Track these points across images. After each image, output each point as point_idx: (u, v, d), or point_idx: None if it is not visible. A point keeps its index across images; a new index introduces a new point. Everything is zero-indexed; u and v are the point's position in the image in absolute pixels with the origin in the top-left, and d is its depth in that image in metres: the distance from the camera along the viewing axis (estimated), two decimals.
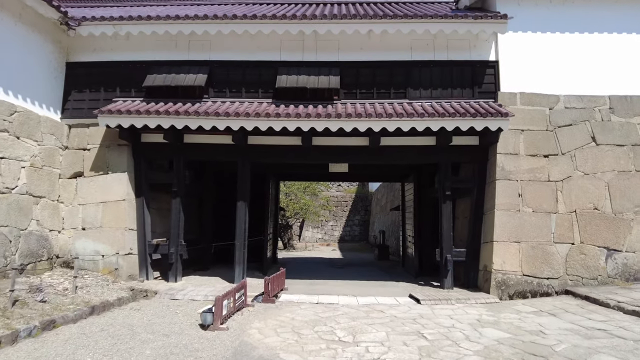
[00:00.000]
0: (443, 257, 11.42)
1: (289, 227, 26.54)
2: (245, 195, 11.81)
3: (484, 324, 7.85)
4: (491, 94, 11.75)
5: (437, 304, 9.63)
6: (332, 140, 11.72)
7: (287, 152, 11.88)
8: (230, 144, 11.69)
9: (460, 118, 10.61)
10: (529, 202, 10.94)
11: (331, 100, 11.64)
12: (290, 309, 8.92)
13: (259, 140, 11.86)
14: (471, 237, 11.61)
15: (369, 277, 13.39)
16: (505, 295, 10.33)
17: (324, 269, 15.40)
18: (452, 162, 11.83)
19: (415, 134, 11.22)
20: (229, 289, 8.19)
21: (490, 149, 11.52)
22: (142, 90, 12.08)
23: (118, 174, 11.72)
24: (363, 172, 15.88)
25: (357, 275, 13.83)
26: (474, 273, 11.48)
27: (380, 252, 18.75)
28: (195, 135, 11.89)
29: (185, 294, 10.21)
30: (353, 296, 10.39)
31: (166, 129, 11.09)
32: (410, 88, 11.82)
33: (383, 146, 11.57)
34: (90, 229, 11.53)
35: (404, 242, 15.79)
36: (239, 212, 11.77)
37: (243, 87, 11.99)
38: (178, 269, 11.81)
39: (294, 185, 25.92)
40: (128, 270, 11.36)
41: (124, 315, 8.02)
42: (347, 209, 35.30)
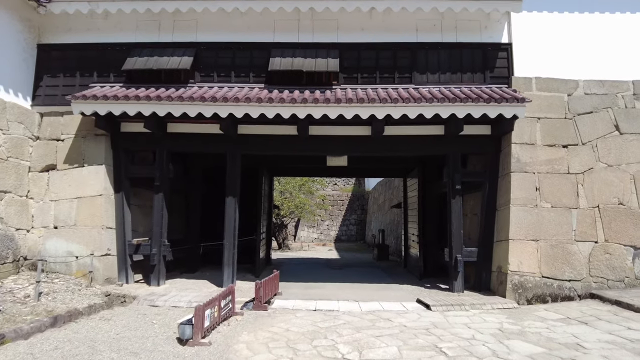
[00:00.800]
0: (453, 257, 10.28)
1: (284, 226, 25.32)
2: (235, 191, 10.60)
3: (509, 334, 6.70)
4: (504, 79, 10.63)
5: (449, 310, 8.48)
6: (331, 130, 10.54)
7: (281, 143, 10.69)
8: (219, 134, 10.50)
9: (473, 104, 9.49)
10: (547, 197, 9.82)
11: (330, 85, 10.47)
12: (284, 318, 7.73)
13: (250, 130, 10.66)
14: (483, 236, 10.46)
15: (369, 279, 12.23)
16: (522, 299, 9.20)
17: (321, 271, 14.22)
18: (461, 153, 10.66)
19: (422, 122, 10.10)
20: (214, 296, 6.99)
21: (504, 139, 10.41)
22: (121, 75, 10.86)
23: (95, 167, 10.48)
24: (363, 167, 14.71)
25: (357, 277, 12.66)
26: (487, 275, 10.34)
27: (380, 252, 17.59)
28: (180, 124, 10.70)
29: (167, 299, 8.99)
30: (355, 301, 9.22)
31: (147, 117, 9.87)
32: (416, 72, 10.67)
33: (387, 136, 10.42)
34: (63, 228, 10.27)
35: (406, 242, 14.63)
36: (228, 209, 10.57)
37: (232, 71, 10.79)
38: (161, 271, 10.58)
39: (289, 183, 24.71)
40: (105, 273, 10.11)
41: (90, 327, 6.79)
42: (344, 208, 34.14)
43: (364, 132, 10.51)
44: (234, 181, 10.61)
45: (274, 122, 10.34)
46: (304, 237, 32.04)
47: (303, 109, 9.52)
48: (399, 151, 10.80)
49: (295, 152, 10.91)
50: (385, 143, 10.57)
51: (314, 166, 14.21)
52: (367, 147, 10.68)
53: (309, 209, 26.41)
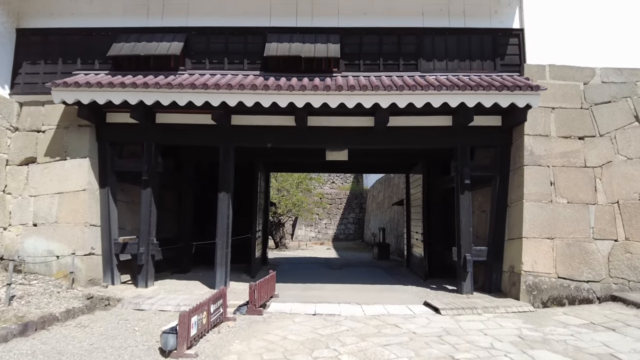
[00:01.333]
0: (461, 256, 9.54)
1: (281, 225, 24.53)
2: (228, 186, 9.83)
3: (531, 343, 5.97)
4: (515, 66, 9.91)
5: (460, 314, 7.74)
6: (331, 121, 9.80)
7: (278, 134, 9.93)
8: (211, 125, 9.74)
9: (484, 92, 8.75)
10: (563, 192, 9.10)
11: (330, 73, 9.72)
12: (281, 324, 6.97)
13: (244, 121, 9.90)
14: (493, 234, 9.73)
15: (371, 280, 11.48)
16: (537, 302, 8.48)
17: (319, 271, 13.47)
18: (470, 146, 9.92)
19: (429, 112, 9.41)
20: (202, 300, 6.22)
21: (515, 131, 9.68)
22: (107, 62, 10.07)
23: (78, 160, 9.69)
24: (364, 162, 13.95)
25: (357, 278, 11.91)
26: (497, 275, 9.61)
27: (381, 251, 16.85)
28: (169, 114, 9.93)
29: (154, 302, 8.22)
30: (357, 304, 8.47)
31: (133, 106, 9.09)
32: (422, 59, 9.92)
33: (391, 127, 9.68)
34: (43, 225, 9.48)
35: (409, 240, 13.90)
36: (220, 205, 9.79)
37: (226, 58, 10.02)
38: (149, 272, 9.79)
39: (286, 180, 23.95)
40: (88, 273, 9.32)
41: (62, 336, 6.01)
42: (342, 207, 33.39)
43: (366, 123, 9.77)
44: (227, 176, 9.83)
45: (270, 112, 9.62)
46: (301, 236, 31.28)
47: (301, 96, 8.75)
48: (404, 143, 10.04)
49: (293, 144, 10.15)
50: (389, 135, 9.83)
51: (312, 161, 13.44)
52: (369, 139, 9.92)
53: (307, 207, 25.65)
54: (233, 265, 13.17)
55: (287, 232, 30.25)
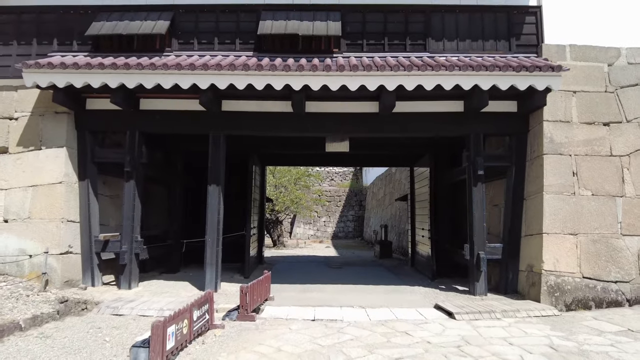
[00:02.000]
0: (474, 254, 8.64)
1: (279, 222, 23.60)
2: (218, 178, 8.90)
3: (567, 355, 5.07)
4: (532, 47, 9.01)
5: (477, 319, 6.83)
6: (332, 107, 8.90)
7: (273, 122, 9.01)
8: (200, 111, 8.85)
9: (500, 73, 7.84)
10: (587, 183, 8.20)
11: (330, 53, 8.81)
12: (276, 332, 6.06)
13: (236, 106, 8.98)
14: (508, 230, 8.83)
15: (375, 280, 10.56)
16: (560, 304, 7.59)
17: (319, 270, 12.55)
18: (483, 134, 9.01)
19: (439, 96, 8.53)
20: (183, 307, 5.29)
21: (532, 117, 8.78)
22: (86, 43, 9.16)
23: (54, 150, 8.76)
24: (365, 154, 13.01)
25: (359, 278, 10.99)
26: (513, 275, 8.71)
27: (383, 250, 15.94)
28: (155, 99, 9.02)
29: (135, 306, 7.29)
30: (361, 308, 7.56)
31: (114, 89, 8.17)
32: (431, 39, 9.00)
33: (397, 113, 8.79)
34: (15, 221, 8.56)
35: (413, 238, 12.99)
36: (210, 199, 8.87)
37: (216, 38, 9.08)
38: (132, 272, 8.86)
39: (284, 176, 23.01)
40: (65, 274, 8.40)
41: (16, 350, 5.07)
42: (341, 204, 32.48)
43: (370, 108, 8.87)
44: (217, 166, 8.90)
45: (264, 97, 8.72)
46: (300, 234, 30.37)
47: (299, 78, 7.83)
48: (411, 131, 9.11)
49: (290, 132, 9.21)
50: (395, 122, 8.92)
51: (311, 153, 12.52)
52: (373, 127, 9.01)
53: (305, 204, 24.73)
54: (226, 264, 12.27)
55: (285, 230, 29.36)
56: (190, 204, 12.81)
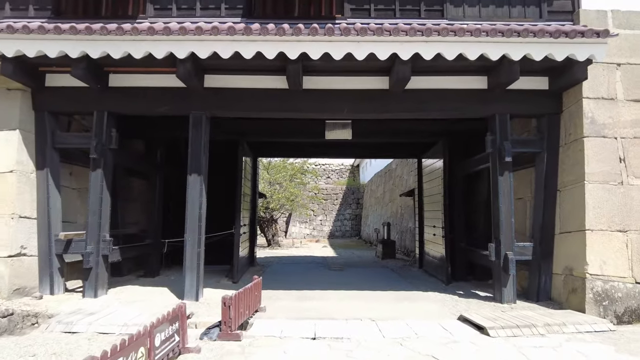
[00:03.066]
0: (501, 255, 7.27)
1: (274, 221, 22.14)
2: (200, 166, 7.46)
3: None
4: (567, 14, 7.64)
5: (517, 336, 5.46)
6: (334, 82, 7.52)
7: (265, 100, 7.59)
8: (179, 88, 7.45)
9: (535, 39, 6.50)
10: (637, 171, 6.85)
11: (332, 19, 7.39)
12: (266, 355, 4.64)
13: (221, 82, 7.58)
14: (539, 226, 7.47)
15: (381, 285, 9.17)
16: (610, 315, 6.26)
17: (317, 273, 11.13)
18: (510, 114, 7.63)
19: (459, 70, 7.26)
20: (141, 329, 3.86)
21: (567, 95, 7.44)
22: (45, 7, 7.67)
23: (4, 133, 7.31)
24: (369, 142, 11.57)
25: (364, 282, 9.60)
26: (546, 278, 7.35)
27: (385, 249, 14.55)
28: (126, 75, 7.61)
29: (94, 321, 5.84)
30: (371, 321, 6.16)
31: (75, 59, 6.75)
32: (449, 4, 7.60)
33: (410, 91, 7.44)
34: None
35: (421, 237, 11.61)
36: (191, 191, 7.44)
37: (198, 2, 7.63)
38: (99, 277, 7.41)
39: (279, 172, 21.57)
40: (15, 280, 6.95)
41: None
42: (338, 202, 31.08)
43: (378, 84, 7.49)
44: (199, 152, 7.47)
45: (254, 70, 7.34)
46: (295, 233, 28.94)
47: (295, 44, 6.43)
48: (427, 111, 7.70)
49: (284, 113, 7.77)
50: (408, 100, 7.54)
51: (308, 141, 11.07)
52: (382, 106, 7.60)
53: (301, 201, 23.29)
54: (213, 267, 10.85)
55: (280, 229, 27.93)
56: (174, 199, 11.35)
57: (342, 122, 9.48)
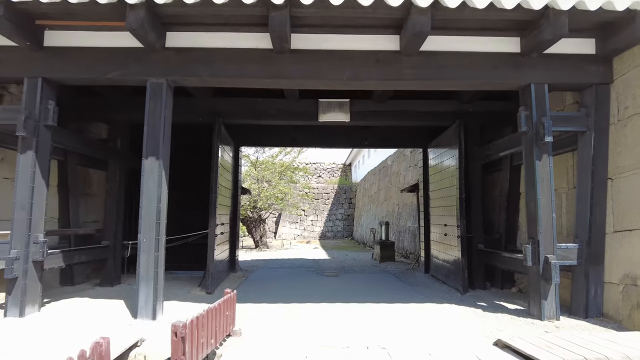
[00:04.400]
0: (539, 259, 5.67)
1: (262, 221, 20.42)
2: (158, 148, 5.73)
3: None
4: None
5: None
6: (329, 41, 5.86)
7: (242, 64, 5.89)
8: (134, 50, 5.74)
9: None
10: None
11: None
12: None
13: (187, 40, 5.88)
14: (586, 224, 5.88)
15: (386, 295, 7.54)
16: None
17: (309, 280, 9.45)
18: (548, 85, 6.05)
19: (485, 27, 5.66)
20: None
21: (620, 61, 5.90)
22: None
23: None
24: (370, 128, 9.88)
25: (365, 291, 7.95)
26: (597, 289, 5.78)
27: (384, 251, 12.93)
28: (66, 32, 5.90)
29: None
30: (380, 348, 4.51)
31: None
32: None
33: (426, 53, 5.83)
34: None
35: (427, 237, 9.99)
36: (146, 180, 5.74)
37: None
38: (28, 290, 5.67)
39: (267, 169, 19.86)
40: None
41: None
42: (329, 202, 29.47)
43: (387, 44, 5.88)
44: (157, 131, 5.75)
45: (229, 23, 5.64)
46: (285, 233, 27.25)
47: None
48: (446, 79, 6.04)
49: (267, 80, 6.04)
50: (424, 65, 5.92)
51: (298, 124, 9.38)
52: (392, 72, 5.94)
53: (292, 200, 21.60)
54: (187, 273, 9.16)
55: (270, 229, 26.27)
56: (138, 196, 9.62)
57: (338, 102, 7.87)
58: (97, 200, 8.87)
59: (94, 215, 8.72)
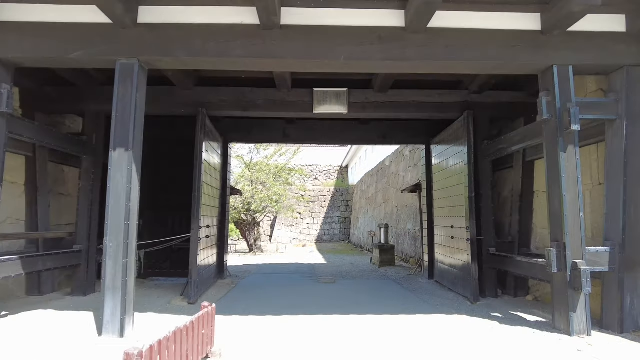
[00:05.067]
0: (567, 265, 4.89)
1: (256, 224, 19.56)
2: (127, 137, 4.91)
3: None
4: None
5: None
6: (325, 16, 5.07)
7: (225, 42, 5.09)
8: (102, 26, 4.94)
9: None
10: None
11: None
12: None
13: (162, 15, 5.09)
14: (619, 224, 5.12)
15: (389, 305, 6.73)
16: None
17: (303, 287, 8.63)
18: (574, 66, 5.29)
19: (506, 1, 4.85)
20: None
21: None
22: None
23: None
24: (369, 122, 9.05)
25: (365, 301, 7.15)
26: (633, 299, 5.01)
27: (383, 256, 12.12)
28: (22, 5, 5.03)
29: None
30: None
31: None
32: None
33: (434, 30, 5.07)
34: None
35: (431, 240, 9.21)
36: (113, 175, 4.91)
37: None
38: None
39: (262, 170, 19.02)
40: None
41: None
42: (325, 205, 28.65)
43: (391, 20, 5.10)
44: (127, 118, 4.93)
45: None
46: (281, 237, 26.40)
47: None
48: (457, 60, 5.25)
49: (254, 60, 5.20)
50: (432, 43, 5.16)
51: (291, 118, 8.57)
52: (396, 52, 5.16)
53: (287, 202, 20.76)
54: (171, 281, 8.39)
55: (265, 232, 25.45)
56: None
57: (335, 92, 7.11)
58: (72, 201, 8.03)
59: (68, 217, 7.88)
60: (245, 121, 9.09)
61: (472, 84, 7.11)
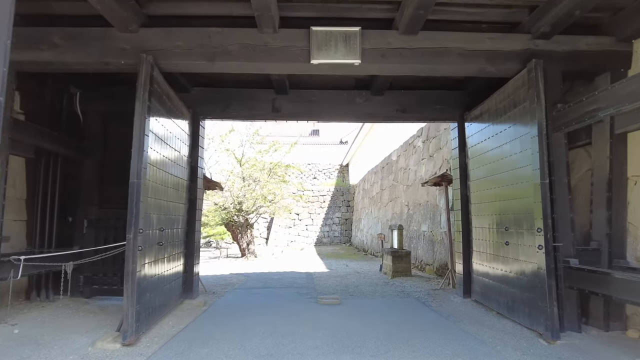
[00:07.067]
0: None
1: (249, 226, 17.16)
2: None
3: None
4: None
5: None
6: None
7: None
8: None
9: None
10: None
11: None
12: None
13: None
14: None
15: (422, 343, 4.41)
16: None
17: (298, 311, 6.26)
18: None
19: None
20: None
21: None
22: None
23: None
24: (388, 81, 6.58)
25: (384, 333, 4.82)
26: None
27: (397, 263, 9.72)
28: None
29: None
30: None
31: None
32: None
33: None
34: None
35: (467, 247, 6.82)
36: None
37: None
38: None
39: (254, 166, 16.66)
40: None
41: None
42: (325, 205, 26.31)
43: None
44: None
45: None
46: (278, 239, 24.02)
47: None
48: None
49: None
50: None
51: (286, 76, 6.18)
52: None
53: (283, 201, 18.39)
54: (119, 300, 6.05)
55: (260, 235, 23.14)
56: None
57: (342, 32, 4.78)
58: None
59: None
60: (222, 92, 6.71)
61: (539, 21, 4.77)
